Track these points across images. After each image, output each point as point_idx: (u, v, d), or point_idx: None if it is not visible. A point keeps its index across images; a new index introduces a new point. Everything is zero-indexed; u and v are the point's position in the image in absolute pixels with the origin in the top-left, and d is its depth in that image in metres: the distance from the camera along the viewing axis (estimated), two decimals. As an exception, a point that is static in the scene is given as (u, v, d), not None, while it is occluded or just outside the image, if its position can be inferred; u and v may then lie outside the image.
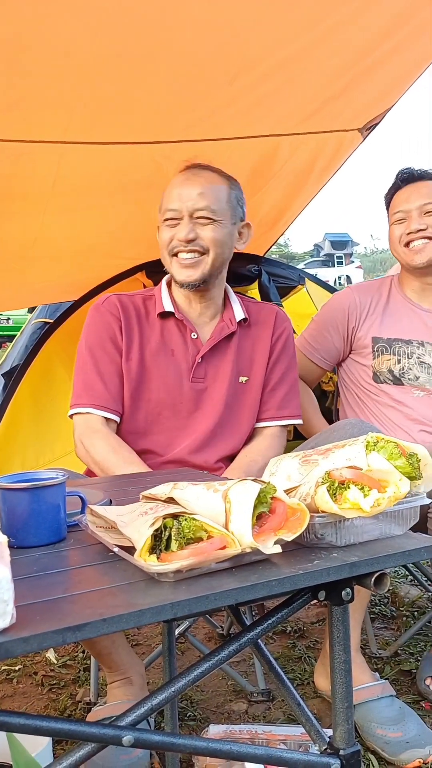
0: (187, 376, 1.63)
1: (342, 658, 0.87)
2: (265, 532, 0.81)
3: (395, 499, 0.84)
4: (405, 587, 2.24)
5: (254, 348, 1.70)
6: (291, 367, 1.73)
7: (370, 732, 1.47)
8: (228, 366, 1.65)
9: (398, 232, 1.86)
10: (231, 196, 1.67)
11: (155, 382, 1.62)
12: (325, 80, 1.88)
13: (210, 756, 1.11)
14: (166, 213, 1.62)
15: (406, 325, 1.88)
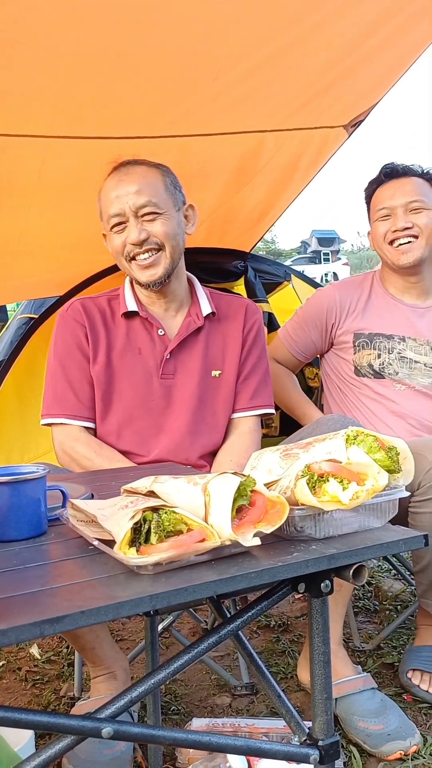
0: (156, 373, 1.63)
1: (321, 649, 0.88)
2: (244, 525, 0.81)
3: (374, 491, 0.85)
4: (388, 581, 2.25)
5: (225, 341, 1.70)
6: (262, 357, 1.75)
7: (351, 725, 1.48)
8: (197, 361, 1.65)
9: (383, 229, 1.86)
10: (167, 183, 1.65)
11: (124, 382, 1.62)
12: (310, 77, 1.88)
13: (190, 747, 1.12)
14: (111, 220, 1.60)
15: (388, 320, 1.89)
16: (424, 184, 1.87)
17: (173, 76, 1.76)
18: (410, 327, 1.88)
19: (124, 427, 1.62)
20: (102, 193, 1.66)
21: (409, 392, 1.83)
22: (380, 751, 1.43)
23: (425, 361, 1.86)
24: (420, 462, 1.50)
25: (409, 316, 1.89)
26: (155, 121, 1.90)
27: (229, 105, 1.92)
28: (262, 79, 1.83)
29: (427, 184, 1.87)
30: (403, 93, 7.21)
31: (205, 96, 1.86)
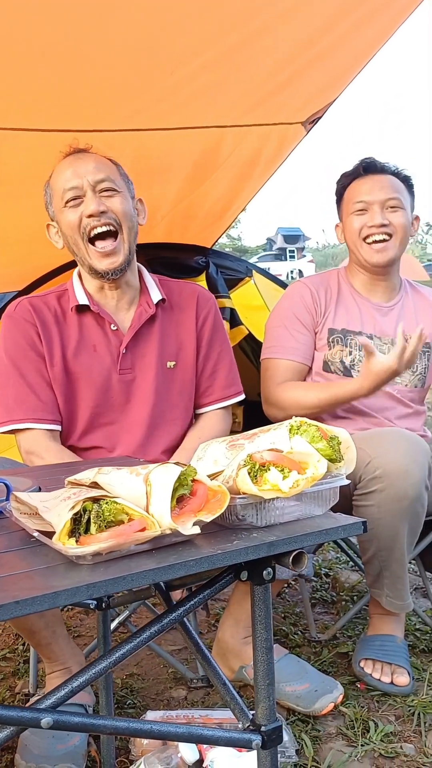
0: (114, 369, 1.60)
1: (263, 636, 0.89)
2: (185, 514, 0.82)
3: (313, 479, 0.86)
4: (346, 572, 2.29)
5: (179, 331, 1.68)
6: (225, 347, 1.75)
7: (281, 692, 1.54)
8: (153, 352, 1.64)
9: (358, 225, 1.83)
10: (121, 172, 1.66)
11: (83, 381, 1.58)
12: (266, 73, 1.89)
13: (131, 735, 1.12)
14: (66, 194, 1.55)
15: (356, 317, 1.89)
16: (398, 183, 1.87)
17: (129, 70, 1.75)
18: (376, 325, 1.89)
19: (90, 427, 1.60)
20: (54, 175, 1.62)
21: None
22: (314, 709, 1.51)
23: None
24: (360, 456, 1.52)
25: (374, 315, 1.90)
26: (112, 115, 1.89)
27: (187, 100, 1.92)
28: (218, 74, 1.84)
29: (401, 183, 1.87)
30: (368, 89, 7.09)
31: (162, 90, 1.86)
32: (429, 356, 1.91)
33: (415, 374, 1.89)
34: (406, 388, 1.88)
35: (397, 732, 1.50)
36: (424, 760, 1.41)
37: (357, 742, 1.44)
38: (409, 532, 1.56)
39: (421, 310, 1.94)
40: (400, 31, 1.91)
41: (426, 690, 1.63)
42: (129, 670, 1.77)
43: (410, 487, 1.49)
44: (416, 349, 1.58)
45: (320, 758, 1.40)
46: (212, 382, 1.71)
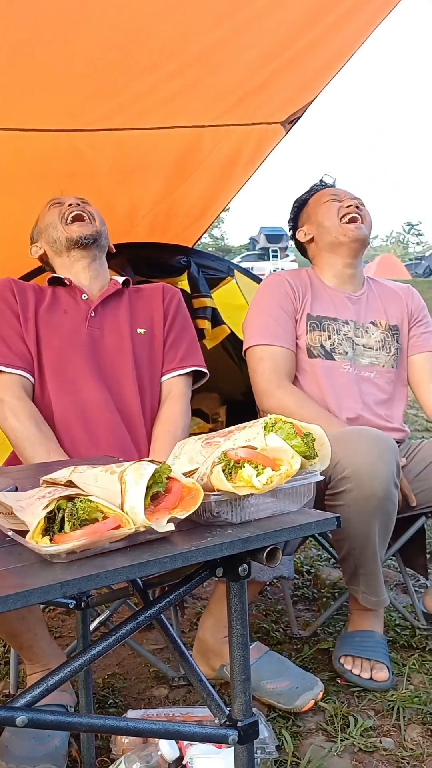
0: (82, 326, 1.73)
1: (239, 632, 0.90)
2: (159, 511, 0.82)
3: (287, 476, 0.87)
4: (327, 570, 2.30)
5: (147, 306, 1.84)
6: (188, 326, 1.88)
7: (262, 690, 1.55)
8: (123, 318, 1.77)
9: (335, 207, 1.97)
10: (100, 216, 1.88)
11: (53, 332, 1.71)
12: (244, 72, 1.90)
13: (107, 732, 1.12)
14: (49, 203, 1.85)
15: (331, 304, 1.95)
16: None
17: (108, 69, 1.75)
18: (349, 311, 1.95)
19: (56, 373, 1.68)
20: (40, 215, 1.89)
21: (355, 373, 1.89)
22: (295, 706, 1.52)
23: (363, 342, 1.92)
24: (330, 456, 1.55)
25: (346, 302, 1.96)
26: (90, 114, 1.89)
27: (166, 99, 1.93)
28: (197, 73, 1.85)
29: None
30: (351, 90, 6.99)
31: (141, 90, 1.86)
32: (398, 338, 1.98)
33: (390, 355, 1.94)
34: (384, 368, 1.92)
35: (376, 727, 1.51)
36: (403, 754, 1.42)
37: (337, 738, 1.45)
38: (381, 529, 1.57)
39: (387, 298, 2.04)
40: (380, 30, 1.93)
41: (405, 685, 1.65)
42: (111, 669, 1.76)
43: (379, 486, 1.50)
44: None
45: (300, 754, 1.41)
46: (173, 350, 1.82)
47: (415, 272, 24.62)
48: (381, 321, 1.98)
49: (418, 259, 30.25)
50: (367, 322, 1.96)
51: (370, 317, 1.98)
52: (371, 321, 1.97)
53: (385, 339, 1.96)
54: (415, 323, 2.03)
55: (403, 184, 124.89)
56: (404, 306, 2.03)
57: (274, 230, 23.43)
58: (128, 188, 2.24)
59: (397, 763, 1.40)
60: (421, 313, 2.05)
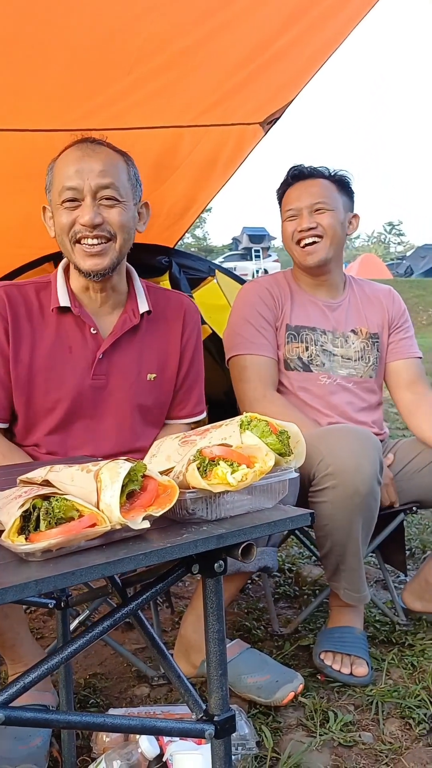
0: (87, 374, 1.53)
1: (215, 627, 0.91)
2: (135, 509, 0.83)
3: (261, 473, 0.88)
4: (308, 567, 2.32)
5: (162, 345, 1.63)
6: (201, 365, 1.73)
7: (242, 684, 1.56)
8: (132, 363, 1.58)
9: (290, 229, 1.91)
10: (131, 174, 1.57)
11: (52, 382, 1.52)
12: (223, 73, 1.91)
13: (84, 729, 1.12)
14: (65, 193, 1.46)
15: (310, 313, 1.94)
16: (329, 185, 1.92)
17: (85, 69, 1.75)
18: (327, 321, 1.94)
19: (54, 431, 1.55)
20: (58, 163, 1.52)
21: (332, 385, 1.89)
22: (275, 699, 1.53)
23: (342, 353, 1.92)
24: (312, 453, 1.57)
25: (324, 311, 1.95)
26: (68, 114, 1.89)
27: (144, 99, 1.93)
28: (175, 74, 1.85)
29: (332, 185, 1.93)
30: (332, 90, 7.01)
31: (119, 90, 1.86)
32: (378, 347, 1.97)
33: (368, 365, 1.94)
34: (362, 379, 1.93)
35: (355, 721, 1.53)
36: (381, 748, 1.44)
37: (316, 733, 1.47)
38: (363, 526, 1.59)
39: (368, 305, 2.01)
40: (360, 29, 1.95)
41: (384, 680, 1.67)
42: (92, 670, 1.77)
43: (362, 483, 1.52)
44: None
45: (280, 749, 1.42)
46: (187, 398, 1.70)
47: (397, 272, 24.85)
48: (362, 329, 1.97)
49: (399, 259, 30.53)
50: (347, 330, 1.95)
51: (351, 325, 1.96)
52: (352, 329, 1.96)
53: (364, 348, 1.95)
54: (395, 329, 2.01)
55: (384, 184, 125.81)
56: (385, 312, 2.01)
57: (256, 230, 23.51)
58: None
59: (376, 757, 1.42)
60: (401, 318, 2.03)
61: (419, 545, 2.54)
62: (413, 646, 1.82)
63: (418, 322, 15.37)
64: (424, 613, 1.94)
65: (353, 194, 1.98)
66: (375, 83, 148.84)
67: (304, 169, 1.94)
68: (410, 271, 24.41)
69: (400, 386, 1.98)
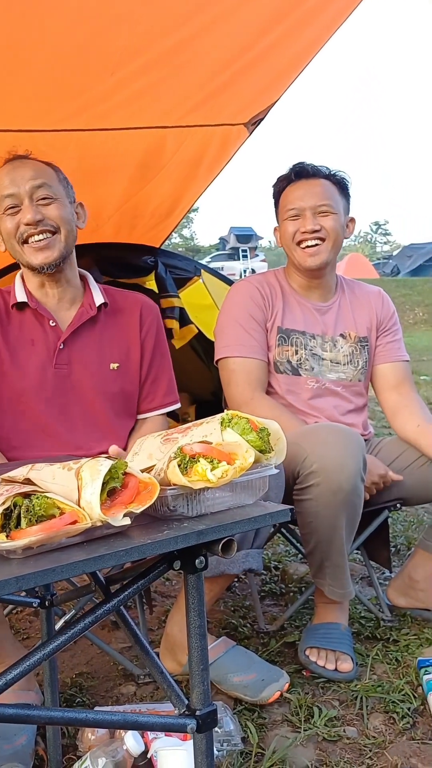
0: (49, 364, 1.61)
1: (197, 623, 0.92)
2: (115, 506, 0.84)
3: (241, 469, 0.89)
4: (294, 565, 2.34)
5: (122, 336, 1.70)
6: (167, 356, 1.77)
7: (228, 683, 1.57)
8: (93, 352, 1.65)
9: (292, 229, 1.88)
10: (60, 177, 1.66)
11: (17, 373, 1.59)
12: (206, 74, 1.92)
13: (66, 725, 1.13)
14: (4, 201, 1.58)
15: (300, 316, 1.93)
16: (331, 186, 1.90)
17: (69, 70, 1.76)
18: (317, 324, 1.94)
19: (19, 422, 1.59)
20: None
21: (320, 389, 1.90)
22: (261, 697, 1.54)
23: (330, 357, 1.92)
24: (297, 451, 1.58)
25: (315, 314, 1.94)
26: (52, 114, 1.89)
27: (128, 100, 1.93)
28: (159, 75, 1.86)
29: (334, 187, 1.90)
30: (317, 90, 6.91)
31: (103, 90, 1.87)
32: (368, 350, 1.97)
33: (357, 369, 1.95)
34: (351, 383, 1.94)
35: (340, 716, 1.54)
36: (365, 742, 1.45)
37: (301, 728, 1.48)
38: (348, 523, 1.60)
39: (358, 308, 2.00)
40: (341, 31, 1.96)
41: (369, 675, 1.69)
42: (79, 669, 1.77)
43: (346, 481, 1.54)
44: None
45: (266, 745, 1.43)
46: (154, 390, 1.74)
47: (383, 271, 24.98)
48: (351, 333, 1.96)
49: (386, 259, 30.69)
50: (337, 334, 1.94)
51: (340, 329, 1.96)
52: (341, 333, 1.95)
53: (353, 352, 1.95)
54: (383, 332, 2.01)
55: (370, 184, 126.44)
56: (374, 315, 2.00)
57: (243, 230, 23.54)
58: (92, 189, 2.24)
59: (360, 751, 1.43)
60: (390, 321, 2.02)
61: (404, 542, 2.56)
62: (397, 641, 1.84)
63: (404, 321, 15.46)
64: (408, 608, 1.96)
65: (350, 197, 1.96)
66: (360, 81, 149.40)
67: (306, 166, 1.91)
68: (396, 271, 24.54)
69: (386, 388, 1.98)
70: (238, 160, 2.52)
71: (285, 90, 2.17)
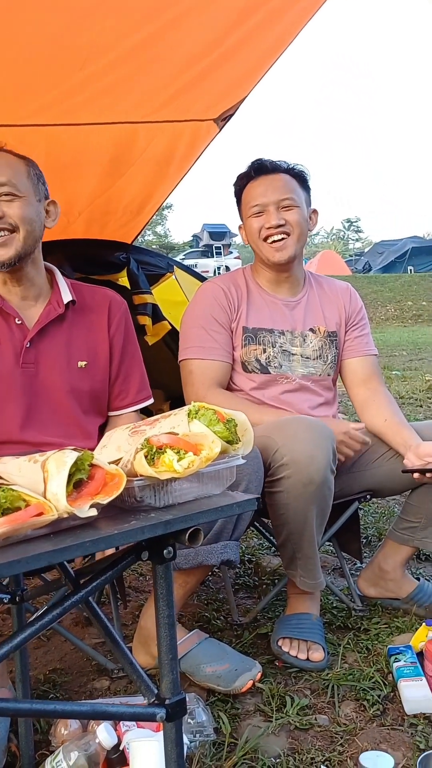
0: (16, 363, 1.58)
1: (165, 612, 0.93)
2: (82, 498, 0.84)
3: (207, 459, 0.90)
4: (267, 557, 2.36)
5: (90, 334, 1.68)
6: (137, 353, 1.77)
7: (201, 674, 1.58)
8: (61, 350, 1.62)
9: (257, 225, 1.89)
10: (30, 173, 1.62)
11: None
12: (175, 70, 1.92)
13: (35, 716, 1.13)
14: None
15: (267, 314, 1.94)
16: (291, 180, 1.91)
17: (37, 64, 1.75)
18: (286, 320, 1.94)
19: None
20: None
21: (290, 385, 1.92)
22: (234, 687, 1.56)
23: (300, 352, 1.94)
24: (268, 444, 1.60)
25: (283, 310, 1.95)
26: (21, 109, 1.88)
27: (97, 95, 1.93)
28: (128, 70, 1.86)
29: (294, 180, 1.92)
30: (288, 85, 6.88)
31: (72, 85, 1.86)
32: (336, 344, 1.99)
33: (327, 363, 1.96)
34: (320, 377, 1.96)
35: (311, 705, 1.56)
36: (336, 729, 1.48)
37: (273, 717, 1.50)
38: (318, 514, 1.63)
39: (326, 302, 2.02)
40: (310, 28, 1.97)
41: (340, 663, 1.71)
42: (52, 665, 1.77)
43: (316, 473, 1.56)
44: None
45: (238, 735, 1.45)
46: (126, 387, 1.73)
47: (355, 268, 25.20)
48: (320, 327, 1.98)
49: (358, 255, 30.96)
50: (306, 329, 1.96)
51: (309, 324, 1.97)
52: (310, 328, 1.96)
53: (323, 347, 1.96)
54: (352, 327, 2.03)
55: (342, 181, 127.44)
56: (342, 310, 2.02)
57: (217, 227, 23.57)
58: (62, 184, 2.22)
59: (331, 738, 1.45)
60: (358, 316, 2.05)
61: (375, 533, 2.60)
62: (368, 630, 1.86)
63: (376, 317, 15.65)
64: (379, 598, 1.99)
65: (310, 189, 1.98)
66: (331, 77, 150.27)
67: (265, 162, 1.92)
68: (368, 267, 24.78)
69: (356, 383, 2.01)
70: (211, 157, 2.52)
71: (254, 86, 2.18)
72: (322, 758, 1.38)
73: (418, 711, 1.52)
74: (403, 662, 1.63)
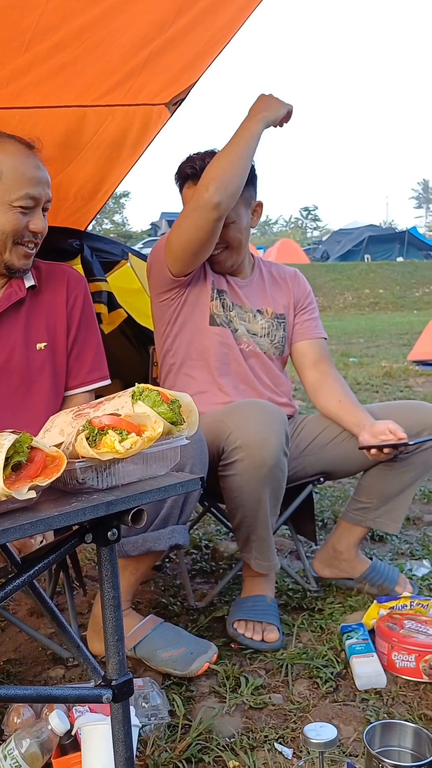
0: None
1: (111, 594, 0.92)
2: (21, 480, 0.83)
3: (150, 440, 0.90)
4: (225, 543, 2.37)
5: (49, 313, 1.66)
6: (93, 331, 1.73)
7: (158, 659, 1.58)
8: (19, 334, 1.61)
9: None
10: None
11: None
12: (123, 53, 1.90)
13: None
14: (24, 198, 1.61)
15: (225, 285, 1.96)
16: None
17: (-21, 44, 1.70)
18: (236, 296, 1.96)
19: None
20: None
21: (250, 351, 1.93)
22: (190, 670, 1.56)
23: (248, 327, 1.94)
24: (221, 428, 1.62)
25: (235, 287, 1.97)
26: (-37, 91, 1.83)
27: (44, 78, 1.89)
28: (75, 52, 1.82)
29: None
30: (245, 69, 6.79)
31: (17, 67, 1.82)
32: (284, 326, 2.01)
33: (273, 343, 1.98)
34: (266, 355, 1.97)
35: (266, 684, 1.58)
36: (290, 707, 1.50)
37: (227, 698, 1.52)
38: (271, 496, 1.65)
39: (275, 286, 2.05)
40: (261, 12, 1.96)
41: (295, 643, 1.74)
42: (7, 656, 1.75)
43: (269, 455, 1.58)
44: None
45: (193, 717, 1.46)
46: (78, 365, 1.70)
47: (314, 256, 25.36)
48: (268, 309, 2.00)
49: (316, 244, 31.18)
50: (254, 309, 1.98)
51: (257, 305, 1.99)
52: (258, 309, 1.99)
53: (270, 327, 1.98)
54: (300, 310, 2.05)
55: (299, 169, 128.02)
56: (291, 294, 2.05)
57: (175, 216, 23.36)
58: (11, 169, 2.19)
59: (285, 716, 1.48)
60: (306, 300, 2.07)
61: (331, 516, 2.64)
62: (322, 610, 1.90)
63: (335, 305, 15.83)
64: (333, 578, 2.03)
65: (256, 179, 1.96)
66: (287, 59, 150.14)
67: (197, 166, 1.88)
68: (326, 256, 24.95)
69: (306, 366, 2.03)
70: (168, 143, 2.50)
71: (204, 71, 2.16)
72: (276, 735, 1.40)
73: (369, 686, 1.55)
74: (355, 639, 1.66)
